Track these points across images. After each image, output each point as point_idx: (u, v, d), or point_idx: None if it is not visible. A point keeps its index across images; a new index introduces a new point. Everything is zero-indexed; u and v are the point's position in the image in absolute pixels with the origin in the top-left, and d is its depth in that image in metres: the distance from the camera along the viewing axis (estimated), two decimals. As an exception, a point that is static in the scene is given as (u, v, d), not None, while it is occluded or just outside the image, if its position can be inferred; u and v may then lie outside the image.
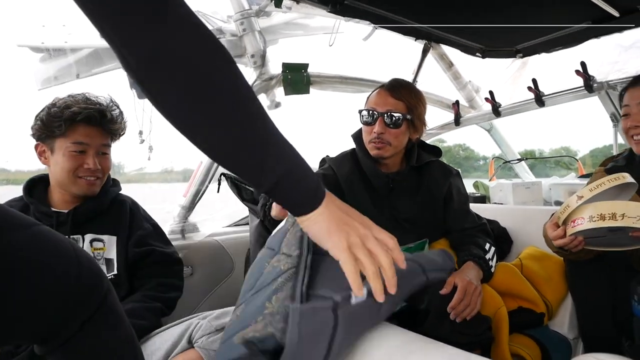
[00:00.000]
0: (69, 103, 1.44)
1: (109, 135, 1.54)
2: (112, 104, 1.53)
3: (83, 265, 0.78)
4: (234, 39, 2.22)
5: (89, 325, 0.78)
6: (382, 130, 1.63)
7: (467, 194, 1.85)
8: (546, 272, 1.91)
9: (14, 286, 0.68)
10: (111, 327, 0.83)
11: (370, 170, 1.74)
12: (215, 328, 1.54)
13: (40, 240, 0.74)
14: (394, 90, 1.68)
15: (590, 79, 2.31)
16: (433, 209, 1.75)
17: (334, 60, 2.66)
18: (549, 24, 2.28)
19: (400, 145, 1.70)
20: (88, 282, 0.79)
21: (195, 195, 2.23)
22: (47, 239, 0.75)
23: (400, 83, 1.73)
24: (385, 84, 1.72)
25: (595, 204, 1.26)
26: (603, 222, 1.23)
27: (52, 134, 1.44)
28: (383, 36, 2.53)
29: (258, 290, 1.01)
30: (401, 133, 1.67)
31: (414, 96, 1.70)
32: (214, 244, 2.24)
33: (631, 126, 1.56)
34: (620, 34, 2.23)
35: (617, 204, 1.24)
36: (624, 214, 1.21)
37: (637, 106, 1.55)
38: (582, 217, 1.28)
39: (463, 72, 3.05)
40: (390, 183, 1.73)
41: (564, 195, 2.73)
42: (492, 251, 1.67)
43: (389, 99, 1.66)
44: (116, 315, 0.84)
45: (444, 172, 1.79)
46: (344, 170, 1.77)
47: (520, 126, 3.81)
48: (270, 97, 2.35)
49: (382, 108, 1.65)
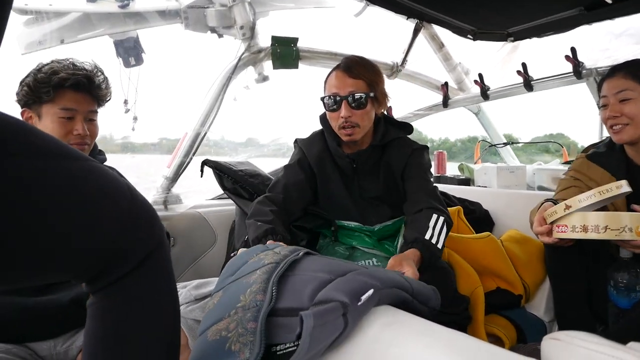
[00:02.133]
0: (56, 68, 1.40)
1: (96, 101, 1.51)
2: (97, 70, 1.50)
3: (136, 206, 0.78)
4: (223, 9, 2.18)
5: (140, 269, 0.77)
6: (349, 113, 1.60)
7: (428, 167, 1.77)
8: (526, 255, 1.95)
9: (62, 208, 0.68)
10: (160, 277, 0.82)
11: (334, 151, 1.74)
12: (194, 297, 1.55)
13: (92, 172, 0.74)
14: (351, 70, 1.63)
15: (579, 65, 2.31)
16: (395, 186, 1.73)
17: (324, 36, 2.63)
18: (542, 9, 2.27)
19: (369, 124, 1.68)
20: (141, 222, 0.78)
21: (180, 167, 2.21)
22: (99, 173, 0.75)
23: (355, 61, 1.68)
24: (341, 65, 1.68)
25: (582, 214, 1.27)
26: (585, 233, 1.26)
27: (39, 100, 1.41)
28: (375, 13, 2.50)
29: (237, 278, 1.02)
30: (367, 112, 1.64)
31: (371, 71, 1.67)
32: (196, 216, 2.23)
33: (609, 116, 1.57)
34: (612, 21, 2.23)
35: (603, 216, 1.25)
36: (607, 227, 1.23)
37: (614, 96, 1.56)
38: (566, 225, 1.30)
39: (453, 53, 3.03)
40: (353, 163, 1.72)
41: (547, 181, 2.76)
42: (440, 223, 1.52)
43: (347, 80, 1.62)
44: (167, 266, 0.84)
45: (405, 148, 1.74)
46: (314, 151, 1.77)
47: (515, 112, 3.82)
48: (258, 70, 2.33)
49: (343, 91, 1.62)
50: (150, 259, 0.79)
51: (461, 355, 0.62)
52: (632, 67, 1.58)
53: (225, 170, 2.07)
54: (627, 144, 1.61)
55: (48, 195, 0.66)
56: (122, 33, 2.00)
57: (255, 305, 0.88)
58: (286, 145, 2.84)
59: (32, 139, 0.67)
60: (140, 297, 0.79)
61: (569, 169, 1.78)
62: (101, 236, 0.73)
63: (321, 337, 0.75)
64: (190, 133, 2.20)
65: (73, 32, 1.84)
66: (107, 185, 0.75)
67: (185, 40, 2.24)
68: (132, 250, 0.77)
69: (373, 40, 2.93)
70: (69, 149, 0.73)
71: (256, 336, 0.82)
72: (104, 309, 0.77)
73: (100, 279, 0.76)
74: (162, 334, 0.82)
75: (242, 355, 0.80)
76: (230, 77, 2.20)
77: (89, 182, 0.73)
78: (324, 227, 1.78)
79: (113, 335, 0.77)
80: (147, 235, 0.79)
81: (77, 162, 0.72)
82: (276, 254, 1.04)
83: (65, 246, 0.70)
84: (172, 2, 2.06)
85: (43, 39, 1.77)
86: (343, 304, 0.78)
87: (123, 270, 0.76)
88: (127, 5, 1.91)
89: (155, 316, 0.81)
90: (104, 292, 0.77)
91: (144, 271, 0.78)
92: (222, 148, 2.82)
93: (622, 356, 0.47)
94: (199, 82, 2.34)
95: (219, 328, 0.89)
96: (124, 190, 0.77)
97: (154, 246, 0.80)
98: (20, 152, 0.65)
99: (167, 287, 0.84)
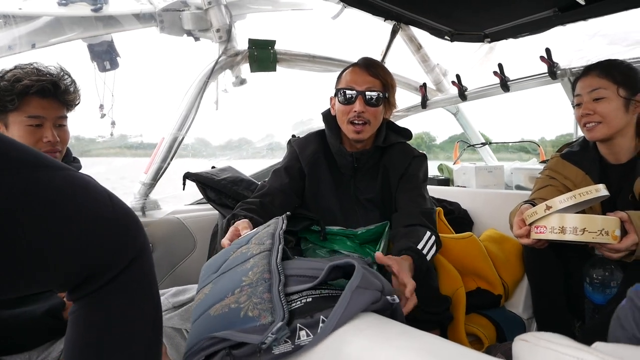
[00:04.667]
0: (19, 75, 1.37)
1: (64, 106, 1.48)
2: (63, 73, 1.46)
3: (118, 214, 0.77)
4: (198, 12, 2.16)
5: (122, 276, 0.77)
6: (363, 108, 1.61)
7: (425, 178, 1.76)
8: (504, 254, 1.97)
9: (45, 225, 0.67)
10: (143, 284, 0.82)
11: (336, 148, 1.73)
12: (172, 305, 1.53)
13: (73, 182, 0.73)
14: (369, 68, 1.66)
15: (554, 65, 2.35)
16: (389, 191, 1.73)
17: (301, 39, 2.63)
18: (518, 10, 2.29)
19: (377, 125, 1.69)
20: (123, 230, 0.78)
21: (157, 172, 2.18)
22: (81, 183, 0.74)
23: (374, 61, 1.71)
24: (359, 62, 1.70)
25: (560, 215, 1.28)
26: (563, 235, 1.26)
27: (4, 109, 1.38)
28: (352, 15, 2.51)
29: (225, 271, 1.01)
30: (379, 112, 1.66)
31: (388, 75, 1.70)
32: (175, 222, 2.20)
33: (583, 114, 1.61)
34: (585, 22, 2.26)
35: (581, 218, 1.25)
36: (584, 229, 1.23)
37: (587, 95, 1.59)
38: (545, 226, 1.31)
39: (431, 55, 3.05)
40: (355, 162, 1.72)
41: (524, 180, 2.80)
42: (432, 241, 1.50)
43: (366, 77, 1.64)
44: (150, 273, 0.83)
45: (404, 154, 1.74)
46: (309, 151, 1.76)
47: (493, 116, 3.87)
48: (236, 73, 2.31)
49: (360, 86, 1.63)
50: (133, 266, 0.79)
51: (433, 358, 0.62)
52: (605, 66, 1.61)
53: (207, 182, 2.05)
54: (599, 141, 1.64)
55: (31, 207, 0.66)
56: (96, 37, 1.98)
57: (264, 282, 0.87)
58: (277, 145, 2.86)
59: (7, 151, 0.66)
60: (121, 305, 0.79)
61: (544, 168, 1.80)
62: (85, 246, 0.72)
63: (359, 300, 0.77)
64: (168, 137, 2.18)
65: (44, 37, 1.81)
66: (90, 196, 0.74)
67: (161, 43, 2.22)
68: (115, 259, 0.76)
69: (351, 42, 2.94)
70: (49, 159, 0.72)
71: (275, 303, 0.81)
72: (85, 317, 0.77)
73: (83, 288, 0.76)
74: (143, 340, 0.82)
75: (264, 319, 0.78)
76: (207, 80, 2.18)
77: (71, 192, 0.72)
78: (310, 229, 1.76)
79: (94, 344, 0.76)
80: (129, 242, 0.79)
81: (58, 172, 0.72)
82: (261, 245, 1.03)
83: (48, 258, 0.69)
84: (146, 6, 2.04)
85: (13, 43, 1.73)
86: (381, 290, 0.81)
87: (105, 278, 0.75)
88: (100, 9, 1.88)
89: (136, 323, 0.81)
90: (86, 300, 0.77)
91: (126, 278, 0.78)
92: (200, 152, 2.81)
93: (585, 357, 0.47)
94: (177, 85, 2.33)
95: (224, 304, 0.87)
96: (105, 199, 0.76)
97: (137, 253, 0.79)
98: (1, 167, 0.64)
99: (149, 293, 0.84)
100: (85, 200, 0.74)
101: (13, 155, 0.66)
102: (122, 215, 0.79)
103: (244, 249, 1.06)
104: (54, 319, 1.32)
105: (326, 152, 1.77)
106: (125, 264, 0.77)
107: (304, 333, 0.78)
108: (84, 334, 0.77)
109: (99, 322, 0.77)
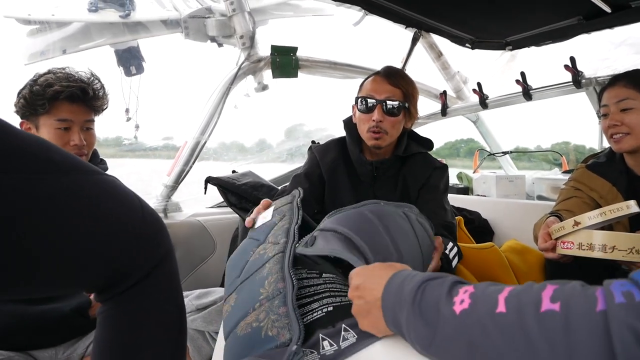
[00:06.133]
0: (50, 81, 1.41)
1: (92, 110, 1.52)
2: (93, 78, 1.51)
3: (146, 219, 0.79)
4: (223, 19, 2.19)
5: (148, 279, 0.79)
6: (381, 118, 1.59)
7: (446, 189, 1.75)
8: (526, 265, 1.95)
9: (76, 228, 0.69)
10: (168, 285, 0.84)
11: (355, 156, 1.72)
12: (196, 307, 1.55)
13: (105, 187, 0.75)
14: (390, 78, 1.64)
15: (579, 74, 2.32)
16: (409, 201, 1.69)
17: (323, 44, 2.64)
18: (540, 18, 2.28)
19: (396, 134, 1.67)
20: (151, 234, 0.80)
21: (179, 175, 2.21)
22: (112, 187, 0.76)
23: (396, 70, 1.70)
24: (381, 71, 1.68)
25: (588, 232, 1.24)
26: (591, 252, 1.22)
27: (36, 112, 1.42)
28: (373, 22, 2.51)
29: (246, 277, 1.02)
30: (398, 122, 1.64)
31: (409, 84, 1.68)
32: (196, 224, 2.22)
33: (610, 125, 1.57)
34: (611, 31, 2.24)
35: (611, 235, 1.21)
36: (614, 247, 1.19)
37: (615, 105, 1.57)
38: (572, 242, 1.27)
39: (452, 62, 3.04)
40: (374, 171, 1.71)
41: (546, 190, 2.77)
42: (454, 251, 1.53)
43: (386, 86, 1.63)
44: (174, 274, 0.86)
45: (425, 165, 1.72)
46: (329, 158, 1.76)
47: (520, 121, 3.83)
48: (258, 79, 2.33)
49: (380, 95, 1.61)
50: (159, 268, 0.81)
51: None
52: (634, 76, 1.58)
53: (228, 187, 2.06)
54: (627, 153, 1.61)
55: (65, 210, 0.67)
56: (123, 42, 2.01)
57: (279, 293, 0.89)
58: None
59: (51, 155, 0.68)
60: (148, 307, 0.81)
61: (569, 179, 1.77)
62: (116, 250, 0.74)
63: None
64: (191, 141, 2.20)
65: (75, 42, 1.85)
66: (121, 200, 0.77)
67: (185, 49, 2.25)
68: (142, 261, 0.78)
69: (372, 49, 2.94)
70: (82, 163, 0.74)
71: (290, 317, 0.82)
72: (113, 317, 0.79)
73: (111, 290, 0.78)
74: (170, 341, 0.84)
75: (283, 337, 0.80)
76: (230, 86, 2.21)
77: (104, 196, 0.74)
78: None
79: (121, 343, 0.78)
80: (156, 247, 0.81)
81: (91, 176, 0.73)
82: (276, 244, 1.04)
83: (80, 261, 0.71)
84: (172, 12, 2.08)
85: (46, 49, 1.78)
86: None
87: (132, 280, 0.77)
88: (128, 15, 1.92)
89: (163, 324, 0.83)
90: (114, 301, 0.79)
91: (152, 281, 0.80)
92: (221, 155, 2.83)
93: None
94: (199, 90, 2.35)
95: (248, 322, 0.89)
96: (135, 203, 0.78)
97: (163, 256, 0.81)
98: (42, 169, 0.66)
99: (175, 296, 0.86)
100: (118, 202, 0.76)
101: (58, 159, 0.69)
102: (151, 221, 0.81)
103: (261, 250, 1.07)
104: (81, 316, 1.37)
105: (346, 160, 1.76)
106: (151, 267, 0.79)
107: (327, 343, 0.79)
108: (113, 334, 0.79)
109: (127, 323, 0.79)
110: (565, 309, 0.50)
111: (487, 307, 0.55)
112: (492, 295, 0.57)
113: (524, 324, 0.52)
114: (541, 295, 0.53)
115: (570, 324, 0.49)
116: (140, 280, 0.78)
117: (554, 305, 0.51)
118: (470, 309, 0.57)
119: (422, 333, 0.62)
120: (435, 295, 0.62)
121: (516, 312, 0.53)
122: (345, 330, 0.79)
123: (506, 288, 0.57)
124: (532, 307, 0.52)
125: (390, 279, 0.72)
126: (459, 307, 0.58)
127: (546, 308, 0.51)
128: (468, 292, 0.59)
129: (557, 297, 0.51)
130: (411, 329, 0.64)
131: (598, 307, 0.48)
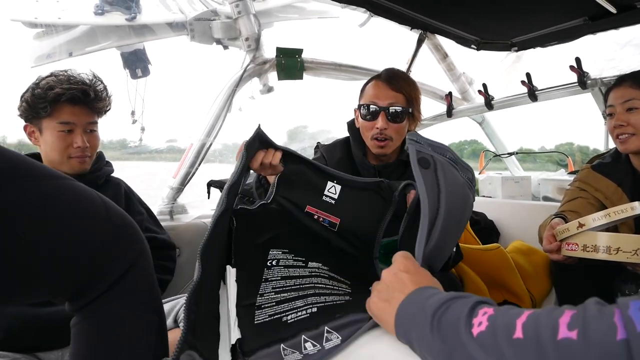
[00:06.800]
0: (52, 84, 1.42)
1: (94, 112, 1.53)
2: (95, 80, 1.51)
3: (112, 220, 0.78)
4: (228, 22, 2.20)
5: (120, 284, 0.77)
6: (385, 125, 1.57)
7: None
8: (532, 266, 1.94)
9: (40, 235, 0.68)
10: (142, 290, 0.82)
11: (359, 159, 1.71)
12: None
13: (68, 190, 0.74)
14: (391, 82, 1.60)
15: (584, 75, 2.31)
16: None
17: (328, 46, 2.64)
18: (546, 18, 2.27)
19: (401, 139, 1.65)
20: (118, 235, 0.78)
21: (185, 177, 2.21)
22: (70, 189, 0.75)
23: (397, 74, 1.65)
24: (381, 75, 1.65)
25: (593, 234, 1.24)
26: (596, 253, 1.22)
27: (38, 115, 1.44)
28: (379, 24, 2.52)
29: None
30: (402, 127, 1.61)
31: (412, 87, 1.64)
32: (201, 227, 2.23)
33: (616, 125, 1.57)
34: (617, 31, 2.23)
35: (616, 237, 1.22)
36: (618, 248, 1.19)
37: (620, 106, 1.56)
38: (577, 244, 1.27)
39: (457, 63, 3.04)
40: (377, 175, 1.70)
41: (552, 191, 2.75)
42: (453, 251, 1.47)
43: (389, 92, 1.59)
44: (148, 277, 0.83)
45: None
46: (335, 157, 1.75)
47: (525, 122, 3.80)
48: (263, 81, 2.34)
49: (383, 102, 1.58)
50: (131, 272, 0.78)
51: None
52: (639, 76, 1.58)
53: None
54: (632, 153, 1.61)
55: (23, 214, 0.67)
56: (129, 45, 2.03)
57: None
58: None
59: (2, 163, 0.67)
60: (122, 312, 0.78)
61: (574, 179, 1.77)
62: (78, 253, 0.73)
63: None
64: (196, 144, 2.21)
65: (81, 45, 1.87)
66: (82, 202, 0.75)
67: (191, 51, 2.26)
68: (111, 265, 0.76)
69: (377, 50, 2.94)
70: (43, 168, 0.73)
71: None
72: (86, 330, 0.77)
73: (82, 297, 0.76)
74: (150, 346, 0.81)
75: None
76: (235, 88, 2.21)
77: (63, 200, 0.73)
78: None
79: (99, 354, 0.76)
80: (125, 249, 0.79)
81: (50, 180, 0.72)
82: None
83: (42, 265, 0.69)
84: (178, 15, 2.09)
85: (52, 52, 1.79)
86: None
87: (103, 285, 0.75)
88: (134, 18, 1.93)
89: (139, 329, 0.80)
90: (88, 310, 0.77)
91: (126, 285, 0.78)
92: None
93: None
94: (205, 93, 2.36)
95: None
96: (99, 206, 0.77)
97: (135, 259, 0.79)
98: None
99: (150, 299, 0.84)
100: (79, 205, 0.74)
101: (19, 166, 0.69)
102: (117, 221, 0.79)
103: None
104: None
105: (351, 161, 1.76)
106: (122, 271, 0.77)
107: (310, 344, 0.80)
108: (88, 350, 0.77)
109: (101, 335, 0.77)
110: (582, 338, 0.49)
111: (505, 332, 0.55)
112: (510, 319, 0.56)
113: (541, 352, 0.51)
114: (558, 322, 0.52)
115: (588, 353, 0.48)
116: (112, 285, 0.76)
117: (570, 333, 0.50)
118: (487, 331, 0.57)
119: (436, 348, 0.62)
120: (457, 314, 0.62)
121: (533, 338, 0.52)
122: (329, 332, 0.80)
123: (525, 312, 0.57)
124: (548, 334, 0.51)
125: (418, 289, 0.72)
126: (476, 329, 0.58)
127: (563, 336, 0.50)
128: (487, 315, 0.59)
129: (575, 325, 0.50)
130: (424, 344, 0.64)
131: (618, 335, 0.47)
